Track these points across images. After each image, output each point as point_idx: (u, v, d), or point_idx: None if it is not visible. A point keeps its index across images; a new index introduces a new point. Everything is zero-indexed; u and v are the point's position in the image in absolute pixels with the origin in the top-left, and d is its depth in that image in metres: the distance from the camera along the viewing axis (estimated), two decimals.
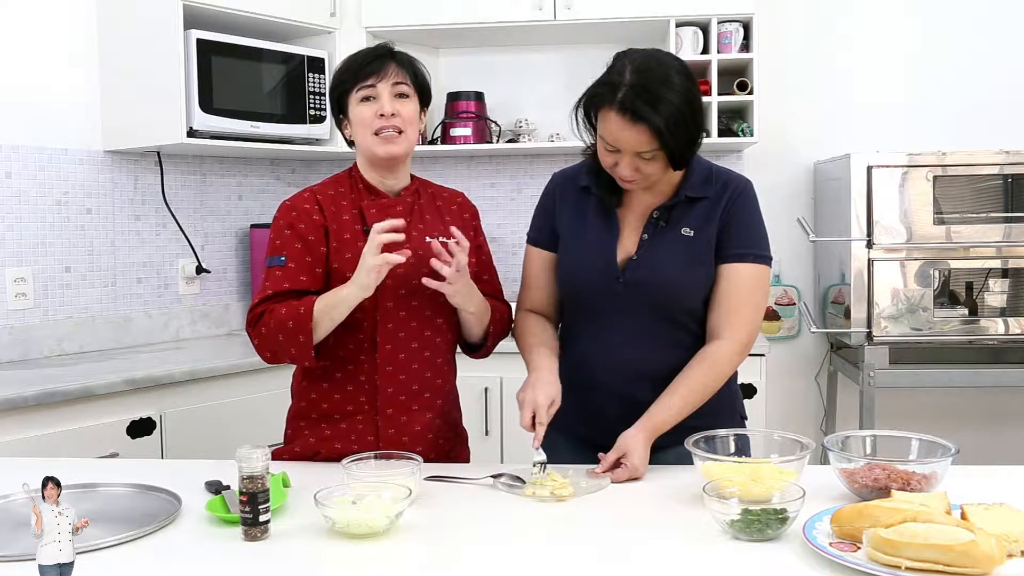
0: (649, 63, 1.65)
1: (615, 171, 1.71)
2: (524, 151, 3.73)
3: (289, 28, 3.39)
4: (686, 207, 1.79)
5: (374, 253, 1.68)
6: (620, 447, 1.69)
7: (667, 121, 1.61)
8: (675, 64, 1.68)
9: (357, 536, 1.39)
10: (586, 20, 3.41)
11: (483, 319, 1.89)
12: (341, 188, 1.90)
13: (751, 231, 1.79)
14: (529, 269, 1.94)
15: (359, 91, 1.82)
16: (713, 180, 1.80)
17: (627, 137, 1.64)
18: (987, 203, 3.15)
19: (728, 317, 1.77)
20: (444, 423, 1.93)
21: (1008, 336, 3.14)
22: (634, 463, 1.66)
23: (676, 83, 1.63)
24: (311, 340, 1.72)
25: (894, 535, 1.21)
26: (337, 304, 1.73)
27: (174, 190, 3.40)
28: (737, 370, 1.85)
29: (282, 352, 1.77)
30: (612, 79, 1.65)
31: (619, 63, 1.67)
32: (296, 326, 1.72)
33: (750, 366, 3.12)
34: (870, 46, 3.67)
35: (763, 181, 3.54)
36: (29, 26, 2.99)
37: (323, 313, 1.73)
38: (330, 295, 1.75)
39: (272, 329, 1.75)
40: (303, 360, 1.78)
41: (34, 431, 2.41)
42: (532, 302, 1.93)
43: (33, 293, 2.99)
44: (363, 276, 1.70)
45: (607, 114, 1.65)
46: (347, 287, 1.73)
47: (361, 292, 1.71)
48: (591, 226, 1.83)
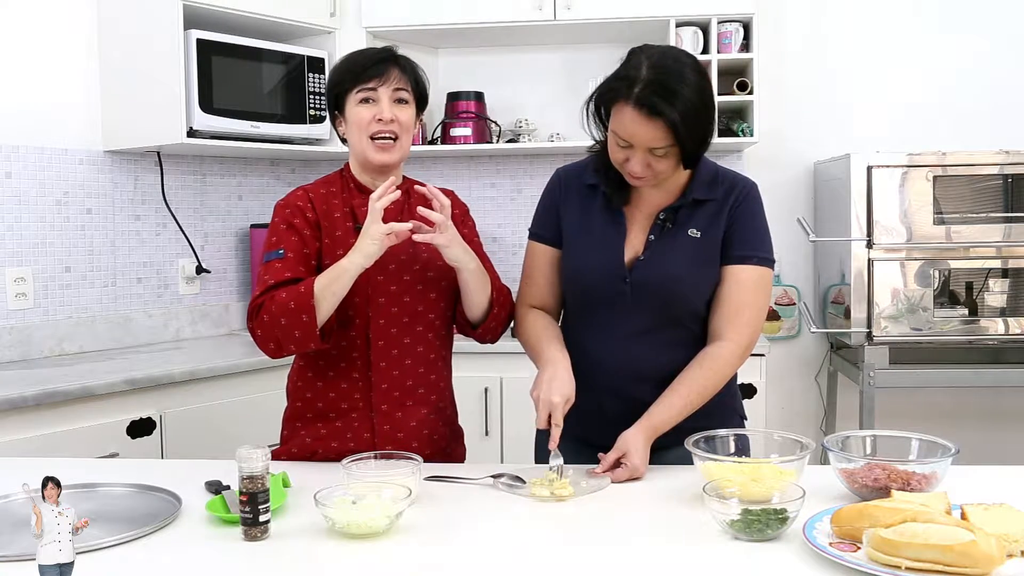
0: (665, 59, 1.65)
1: (625, 167, 1.70)
2: (524, 151, 3.72)
3: (289, 28, 3.39)
4: (692, 208, 1.79)
5: (377, 221, 1.68)
6: (620, 447, 1.68)
7: (683, 117, 1.60)
8: (690, 61, 1.67)
9: (357, 536, 1.39)
10: (586, 20, 3.41)
11: (484, 283, 1.86)
12: (332, 188, 1.90)
13: (755, 233, 1.79)
14: (531, 264, 1.92)
15: (359, 92, 1.82)
16: (719, 182, 1.80)
17: (642, 132, 1.63)
18: (987, 203, 3.15)
19: (730, 319, 1.76)
20: (440, 419, 1.93)
21: (1008, 336, 3.14)
22: (634, 463, 1.66)
23: (692, 80, 1.63)
24: (315, 319, 1.70)
25: (894, 535, 1.21)
26: (339, 276, 1.71)
27: (174, 190, 3.40)
28: (736, 371, 1.85)
29: (286, 337, 1.73)
30: (629, 73, 1.64)
31: (635, 58, 1.67)
32: (298, 306, 1.70)
33: (750, 366, 3.12)
34: (870, 46, 3.67)
35: (763, 181, 3.50)
36: (29, 26, 2.99)
37: (324, 288, 1.71)
38: (330, 269, 1.73)
39: (274, 314, 1.72)
40: (308, 342, 1.73)
41: (34, 431, 2.41)
42: (534, 298, 1.92)
43: (33, 293, 3.00)
44: (368, 244, 1.69)
45: (622, 108, 1.64)
46: (349, 257, 1.71)
47: (365, 261, 1.70)
48: (597, 225, 1.82)
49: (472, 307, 1.89)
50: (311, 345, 1.75)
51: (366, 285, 1.82)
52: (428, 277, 1.88)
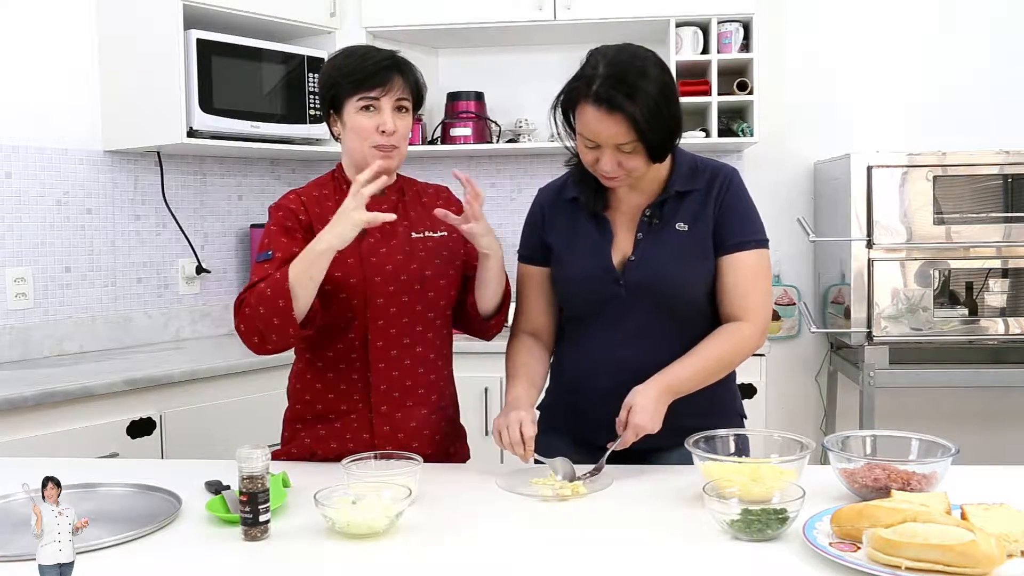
0: (621, 56, 1.66)
1: (597, 168, 1.70)
2: (524, 151, 3.73)
3: (289, 28, 3.39)
4: (676, 202, 1.78)
5: (360, 208, 1.66)
6: (628, 402, 1.66)
7: (643, 110, 1.60)
8: (649, 56, 1.68)
9: (357, 536, 1.39)
10: (586, 20, 3.41)
11: (502, 273, 1.88)
12: (325, 190, 1.90)
13: (746, 219, 1.79)
14: (521, 288, 1.93)
15: (360, 100, 1.79)
16: (699, 171, 1.80)
17: (604, 129, 1.63)
18: (987, 203, 3.15)
19: (741, 304, 1.76)
20: (440, 419, 1.92)
21: (1008, 336, 3.14)
22: (635, 421, 1.63)
23: (651, 74, 1.63)
24: (291, 305, 1.68)
25: (894, 535, 1.21)
26: (314, 260, 1.68)
27: (174, 190, 3.40)
28: (736, 370, 1.85)
29: (266, 327, 1.70)
30: (586, 73, 1.66)
31: (592, 58, 1.68)
32: (274, 292, 1.68)
33: (750, 366, 3.12)
34: (870, 46, 3.67)
35: (763, 181, 3.57)
36: (29, 26, 2.99)
37: (301, 273, 1.68)
38: (304, 254, 1.70)
39: (253, 305, 1.71)
40: (288, 328, 1.70)
41: (34, 431, 2.41)
42: (524, 324, 1.92)
43: (33, 293, 3.00)
44: (347, 228, 1.66)
45: (584, 108, 1.65)
46: (322, 240, 1.68)
47: (339, 243, 1.67)
48: (583, 235, 1.82)
49: (487, 298, 1.89)
50: (291, 332, 1.71)
51: (363, 286, 1.81)
52: (426, 276, 1.87)
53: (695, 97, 3.41)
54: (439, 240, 1.90)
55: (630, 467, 1.72)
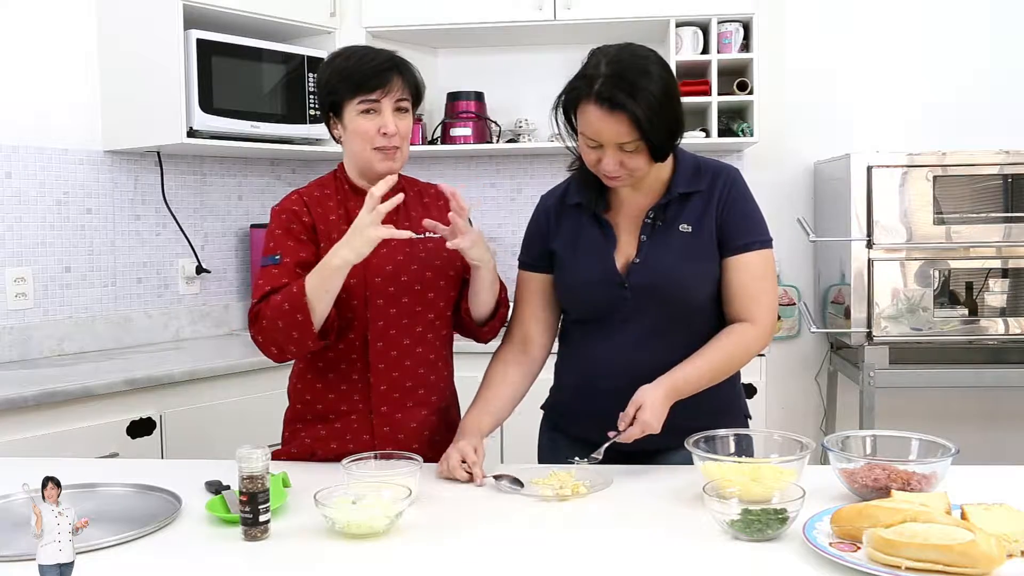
0: (622, 55, 1.66)
1: (599, 168, 1.70)
2: (524, 151, 3.73)
3: (289, 28, 3.39)
4: (680, 203, 1.78)
5: (376, 223, 1.66)
6: (637, 400, 1.66)
7: (645, 109, 1.60)
8: (651, 55, 1.68)
9: (357, 536, 1.39)
10: (586, 20, 3.41)
11: (496, 282, 1.88)
12: (327, 190, 1.90)
13: (750, 219, 1.79)
14: (518, 294, 1.93)
15: (360, 103, 1.79)
16: (702, 172, 1.80)
17: (606, 128, 1.63)
18: (987, 203, 3.15)
19: (748, 305, 1.76)
20: (440, 420, 1.92)
21: (1008, 336, 3.14)
22: (644, 418, 1.63)
23: (653, 73, 1.63)
24: (310, 318, 1.70)
25: (894, 535, 1.21)
26: (330, 275, 1.69)
27: (174, 190, 3.40)
28: (740, 370, 1.85)
29: (285, 339, 1.73)
30: (588, 72, 1.66)
31: (594, 58, 1.68)
32: (292, 306, 1.70)
33: (750, 366, 3.07)
34: (870, 46, 3.67)
35: (763, 181, 3.57)
36: (29, 26, 2.99)
37: (317, 287, 1.70)
38: (319, 268, 1.71)
39: (271, 318, 1.72)
40: (307, 341, 1.73)
41: (34, 431, 2.41)
42: (515, 333, 1.91)
43: (33, 293, 2.99)
44: (363, 244, 1.67)
45: (585, 107, 1.65)
46: (337, 255, 1.69)
47: (355, 258, 1.68)
48: (587, 239, 1.81)
49: (481, 305, 1.90)
50: (310, 344, 1.74)
51: (363, 287, 1.81)
52: (426, 277, 1.87)
53: (695, 97, 3.41)
54: (439, 241, 1.90)
55: (630, 467, 1.73)
